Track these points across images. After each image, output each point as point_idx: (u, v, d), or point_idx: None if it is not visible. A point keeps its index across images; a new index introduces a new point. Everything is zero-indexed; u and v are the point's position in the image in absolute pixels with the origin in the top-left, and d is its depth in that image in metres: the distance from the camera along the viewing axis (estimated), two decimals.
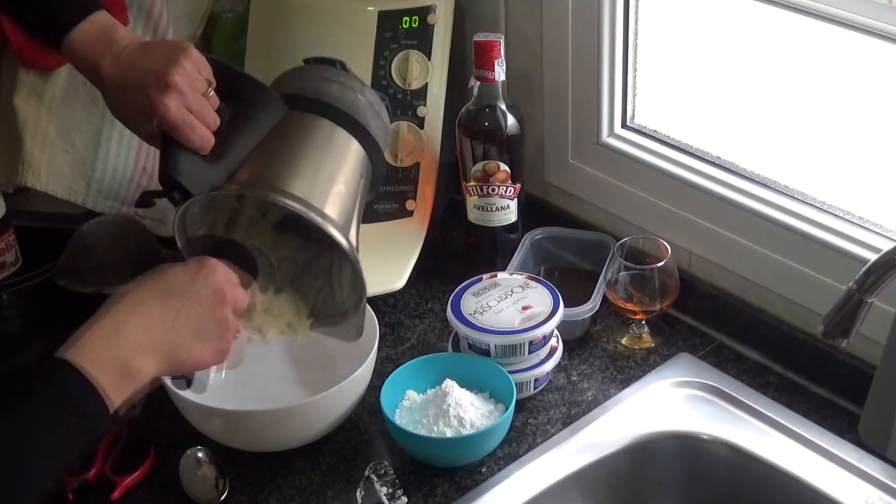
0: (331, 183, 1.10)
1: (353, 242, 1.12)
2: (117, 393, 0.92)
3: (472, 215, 1.44)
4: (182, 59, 1.05)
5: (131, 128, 1.10)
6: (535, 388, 1.27)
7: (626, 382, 1.29)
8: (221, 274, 1.02)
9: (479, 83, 1.37)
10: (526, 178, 1.44)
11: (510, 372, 1.22)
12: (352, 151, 1.13)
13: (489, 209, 1.42)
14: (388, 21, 1.45)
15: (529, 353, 1.24)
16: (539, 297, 1.27)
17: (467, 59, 1.47)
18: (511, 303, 1.26)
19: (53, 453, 0.88)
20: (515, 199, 1.42)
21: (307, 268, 1.17)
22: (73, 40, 1.08)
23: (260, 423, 1.18)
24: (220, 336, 1.01)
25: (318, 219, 1.05)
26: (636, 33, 1.36)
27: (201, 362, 1.01)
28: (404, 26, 1.45)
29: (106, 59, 1.07)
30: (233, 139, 1.09)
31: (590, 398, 1.27)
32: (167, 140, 1.06)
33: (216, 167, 1.07)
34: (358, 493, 1.14)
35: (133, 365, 0.93)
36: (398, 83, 1.46)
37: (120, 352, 0.93)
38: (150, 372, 0.95)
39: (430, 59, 1.46)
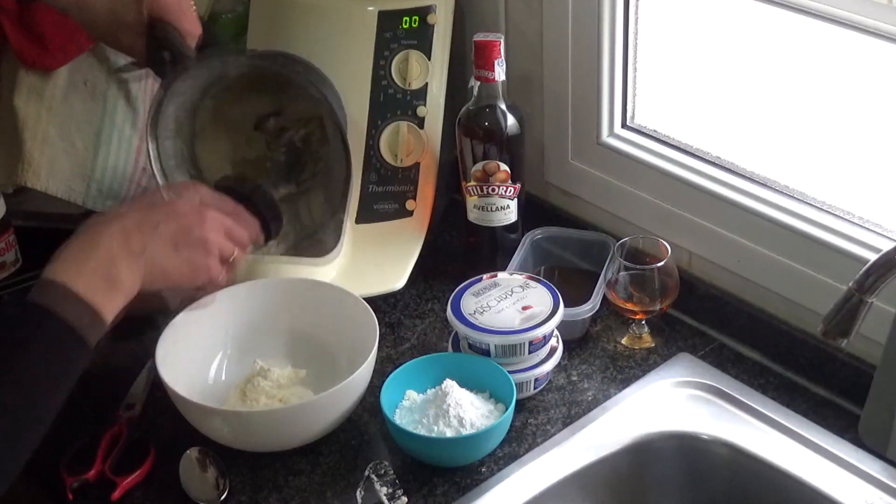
0: None
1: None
2: (106, 301, 0.93)
3: (472, 215, 1.44)
4: None
5: (114, 40, 1.11)
6: (535, 388, 1.27)
7: (626, 382, 1.29)
8: (206, 194, 1.04)
9: (479, 83, 1.37)
10: (526, 178, 1.44)
11: (510, 372, 1.22)
12: (324, 85, 1.15)
13: (489, 209, 1.42)
14: (388, 21, 1.45)
15: (529, 353, 1.24)
16: (539, 297, 1.27)
17: (467, 59, 1.47)
18: (511, 303, 1.26)
19: (60, 367, 0.91)
20: (515, 199, 1.42)
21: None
22: None
23: (260, 423, 1.18)
24: (199, 252, 1.02)
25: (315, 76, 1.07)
26: (636, 33, 1.36)
27: (178, 276, 1.02)
28: (404, 26, 1.45)
29: None
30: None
31: (590, 398, 1.27)
32: (156, 24, 1.06)
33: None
34: (358, 493, 1.14)
35: (114, 272, 0.95)
36: (398, 83, 1.46)
37: (100, 262, 0.94)
38: (132, 280, 0.96)
39: (430, 59, 1.46)
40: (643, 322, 1.34)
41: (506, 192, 1.40)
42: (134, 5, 1.08)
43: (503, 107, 1.38)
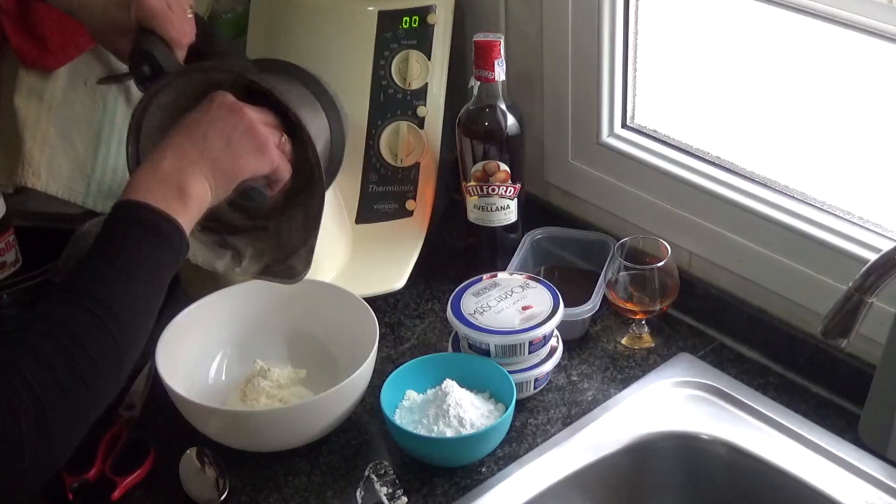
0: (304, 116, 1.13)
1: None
2: (181, 212, 1.00)
3: (472, 215, 1.44)
4: None
5: (111, 40, 1.11)
6: (535, 388, 1.27)
7: (626, 382, 1.29)
8: (228, 95, 1.08)
9: (479, 83, 1.37)
10: (526, 178, 1.44)
11: (510, 372, 1.22)
12: (316, 107, 1.15)
13: (489, 209, 1.42)
14: (388, 21, 1.45)
15: (529, 353, 1.24)
16: (539, 297, 1.27)
17: (467, 59, 1.47)
18: (511, 303, 1.26)
19: (160, 281, 0.98)
20: (515, 199, 1.42)
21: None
22: None
23: (260, 423, 1.18)
24: (253, 141, 1.06)
25: (291, 100, 1.07)
26: (636, 33, 1.36)
27: (247, 168, 1.06)
28: (404, 26, 1.45)
29: None
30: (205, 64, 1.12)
31: (590, 398, 1.27)
32: (142, 32, 1.06)
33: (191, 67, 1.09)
34: (358, 493, 1.14)
35: (183, 184, 1.01)
36: (398, 83, 1.46)
37: (167, 178, 1.00)
38: (201, 190, 1.02)
39: (430, 59, 1.46)
40: (643, 322, 1.34)
41: (506, 192, 1.40)
42: (125, 9, 1.08)
43: (503, 107, 1.38)
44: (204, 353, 1.30)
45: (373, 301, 1.32)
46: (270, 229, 1.21)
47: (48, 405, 0.86)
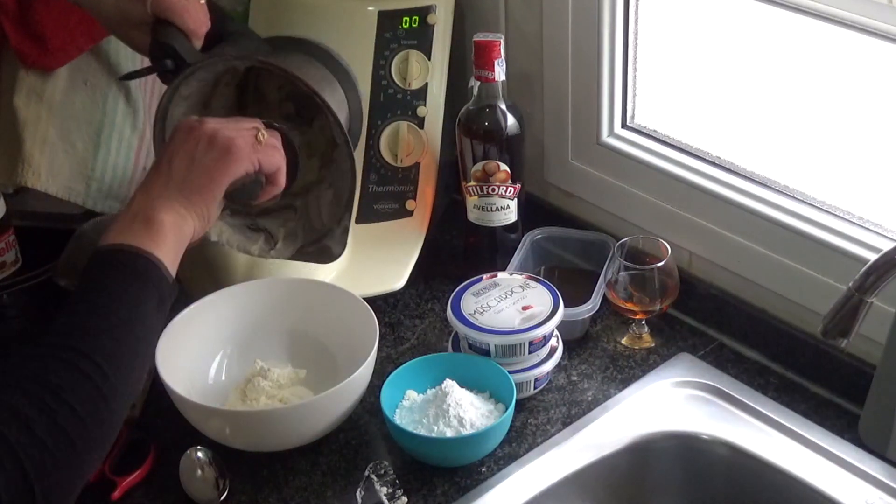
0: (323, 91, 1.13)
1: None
2: (157, 247, 0.97)
3: (472, 215, 1.44)
4: None
5: (125, 32, 1.11)
6: (535, 388, 1.27)
7: (626, 382, 1.29)
8: (188, 119, 1.07)
9: (479, 83, 1.37)
10: (526, 178, 1.44)
11: (510, 372, 1.22)
12: (333, 84, 1.14)
13: (489, 209, 1.42)
14: (388, 21, 1.45)
15: (529, 353, 1.24)
16: (539, 297, 1.27)
17: (467, 59, 1.47)
18: (511, 303, 1.26)
19: (145, 322, 0.95)
20: (515, 199, 1.42)
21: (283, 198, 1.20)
22: None
23: (260, 423, 1.18)
24: (216, 148, 1.04)
25: (319, 93, 1.07)
26: (636, 33, 1.36)
27: (221, 176, 1.04)
28: (404, 26, 1.45)
29: None
30: (221, 51, 1.12)
31: (590, 398, 1.27)
32: (160, 24, 1.06)
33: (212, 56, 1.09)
34: (358, 493, 1.14)
35: (151, 216, 0.99)
36: (398, 83, 1.46)
37: (135, 215, 0.99)
38: (173, 216, 1.00)
39: (430, 59, 1.46)
40: (643, 322, 1.34)
41: (506, 192, 1.40)
42: (140, 2, 1.07)
43: (503, 107, 1.38)
44: (204, 353, 1.29)
45: (373, 301, 1.32)
46: (299, 208, 1.20)
47: (31, 468, 0.81)
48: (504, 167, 1.39)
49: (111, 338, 0.91)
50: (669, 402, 1.25)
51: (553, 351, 1.28)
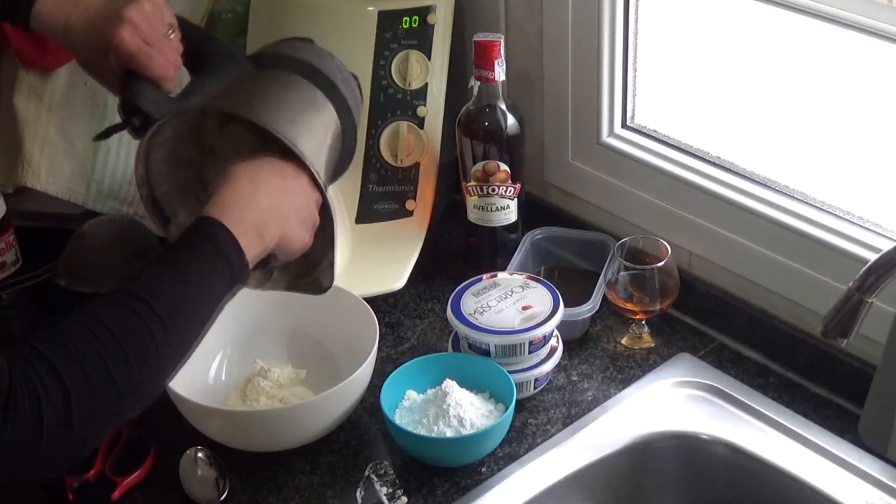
0: (301, 124, 1.09)
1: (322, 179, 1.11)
2: (251, 250, 1.00)
3: (472, 215, 1.44)
4: (143, 1, 1.06)
5: (102, 79, 1.11)
6: (535, 388, 1.27)
7: (626, 382, 1.29)
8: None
9: (479, 83, 1.37)
10: (526, 178, 1.44)
11: (510, 372, 1.22)
12: (320, 103, 1.12)
13: (489, 209, 1.42)
14: (388, 21, 1.45)
15: (529, 353, 1.24)
16: (539, 297, 1.27)
17: (467, 59, 1.47)
18: (511, 303, 1.26)
19: (211, 300, 0.97)
20: (515, 199, 1.42)
21: None
22: (41, 7, 1.10)
23: (260, 423, 1.18)
24: (308, 226, 1.07)
25: (289, 142, 1.05)
26: (636, 33, 1.36)
27: (295, 243, 1.07)
28: (404, 26, 1.45)
29: (75, 13, 1.09)
30: (198, 86, 1.09)
31: (590, 398, 1.27)
32: (128, 75, 1.04)
33: (180, 103, 1.06)
34: (358, 493, 1.14)
35: (263, 228, 1.01)
36: (398, 83, 1.46)
37: (255, 216, 1.00)
38: (273, 237, 1.03)
39: (430, 59, 1.46)
40: (643, 322, 1.34)
41: (506, 192, 1.40)
42: (106, 58, 1.06)
43: (503, 107, 1.38)
44: (204, 353, 1.29)
45: (373, 301, 1.32)
46: None
47: (73, 395, 0.84)
48: (504, 167, 1.39)
49: (184, 301, 0.94)
50: (669, 402, 1.25)
51: (553, 351, 1.28)
